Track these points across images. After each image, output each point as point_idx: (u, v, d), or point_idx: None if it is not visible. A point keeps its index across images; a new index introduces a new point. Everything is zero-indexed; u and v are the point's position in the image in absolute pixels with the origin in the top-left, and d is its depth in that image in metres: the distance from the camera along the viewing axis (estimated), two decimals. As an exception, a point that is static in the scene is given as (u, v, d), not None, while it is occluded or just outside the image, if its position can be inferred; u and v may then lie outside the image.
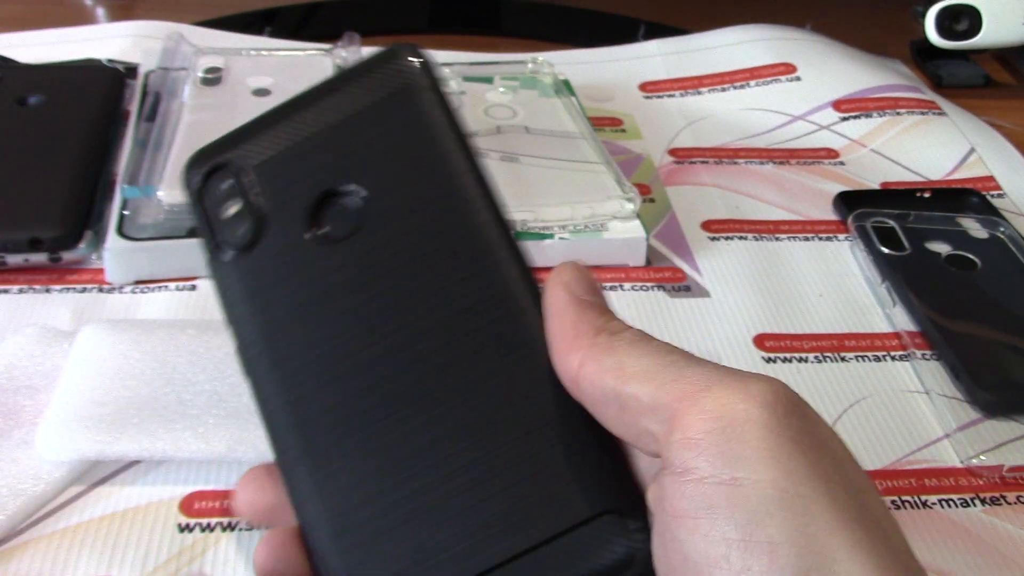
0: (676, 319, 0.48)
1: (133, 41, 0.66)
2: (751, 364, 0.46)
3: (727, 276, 0.51)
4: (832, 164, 0.62)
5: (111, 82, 0.60)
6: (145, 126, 0.53)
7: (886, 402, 0.45)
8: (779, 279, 0.51)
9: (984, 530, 0.39)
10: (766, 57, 0.71)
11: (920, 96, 0.67)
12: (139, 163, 0.50)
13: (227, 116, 0.55)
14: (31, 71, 0.62)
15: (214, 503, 0.38)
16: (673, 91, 0.69)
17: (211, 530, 0.37)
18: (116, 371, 0.40)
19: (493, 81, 0.62)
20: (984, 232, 0.54)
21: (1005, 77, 0.76)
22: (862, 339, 0.48)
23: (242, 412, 0.39)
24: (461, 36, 0.76)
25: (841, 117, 0.66)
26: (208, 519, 0.37)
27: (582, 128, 0.58)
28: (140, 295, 0.48)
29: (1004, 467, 0.41)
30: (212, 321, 0.46)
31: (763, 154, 0.62)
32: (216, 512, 0.38)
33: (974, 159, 0.62)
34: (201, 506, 0.38)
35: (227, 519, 0.37)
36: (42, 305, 0.47)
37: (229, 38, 0.68)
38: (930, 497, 0.40)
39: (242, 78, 0.59)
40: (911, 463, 0.42)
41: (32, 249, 0.48)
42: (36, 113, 0.56)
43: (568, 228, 0.51)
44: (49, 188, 0.50)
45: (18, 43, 0.66)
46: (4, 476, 0.37)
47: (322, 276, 0.26)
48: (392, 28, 0.76)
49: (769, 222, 0.56)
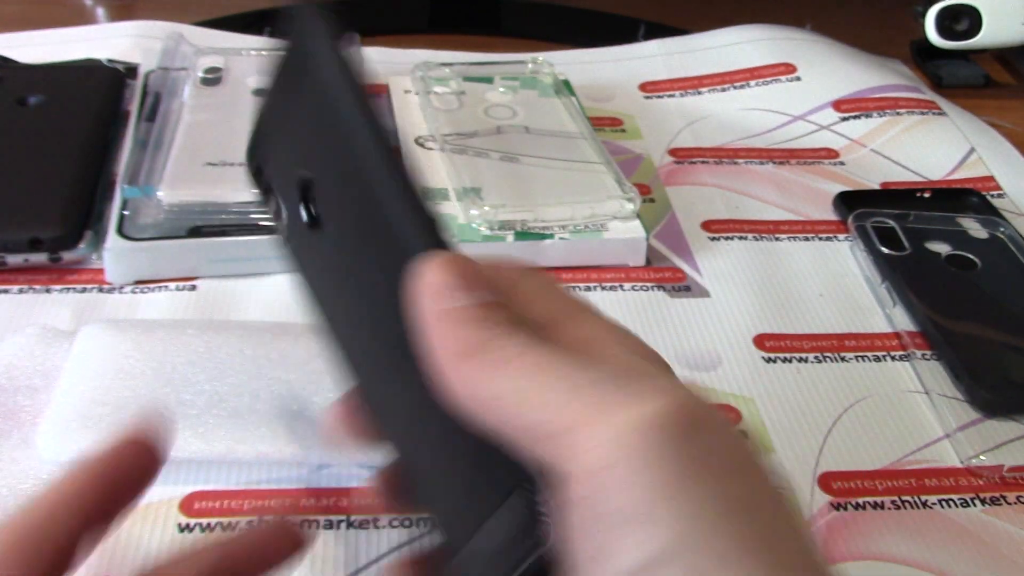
0: (676, 319, 0.48)
1: (133, 41, 0.66)
2: (751, 364, 0.46)
3: (727, 276, 0.51)
4: (832, 164, 0.62)
5: (111, 82, 0.60)
6: (145, 126, 0.53)
7: (886, 402, 0.45)
8: (779, 279, 0.51)
9: (984, 530, 0.39)
10: (766, 57, 0.71)
11: (920, 96, 0.67)
12: (139, 163, 0.50)
13: (227, 116, 0.55)
14: (31, 71, 0.62)
15: (214, 503, 0.38)
16: (673, 91, 0.69)
17: (211, 530, 0.37)
18: (116, 371, 0.40)
19: (493, 81, 0.62)
20: (984, 232, 0.54)
21: (1005, 77, 0.76)
22: (862, 339, 0.48)
23: (242, 412, 0.39)
24: (461, 36, 0.76)
25: (841, 117, 0.66)
26: (208, 519, 0.37)
27: (582, 128, 0.58)
28: (140, 295, 0.48)
29: (1004, 467, 0.41)
30: (212, 321, 0.46)
31: (763, 154, 0.62)
32: (216, 512, 0.38)
33: (974, 159, 0.62)
34: (201, 506, 0.38)
35: (227, 519, 0.37)
36: (42, 305, 0.47)
37: (229, 38, 0.68)
38: (930, 497, 0.40)
39: (242, 78, 0.59)
40: (911, 463, 0.42)
41: (32, 249, 0.48)
42: (36, 113, 0.56)
43: (568, 228, 0.51)
44: (49, 188, 0.50)
45: (18, 43, 0.66)
46: (4, 476, 0.37)
47: (319, 259, 0.28)
48: (392, 28, 0.76)
49: (769, 222, 0.56)
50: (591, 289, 0.50)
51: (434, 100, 0.60)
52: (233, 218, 0.49)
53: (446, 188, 0.53)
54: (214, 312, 0.47)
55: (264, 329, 0.44)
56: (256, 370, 0.41)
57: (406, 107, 0.61)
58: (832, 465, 0.41)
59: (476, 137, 0.57)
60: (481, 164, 0.54)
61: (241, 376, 0.41)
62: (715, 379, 0.45)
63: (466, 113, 0.59)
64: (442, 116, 0.58)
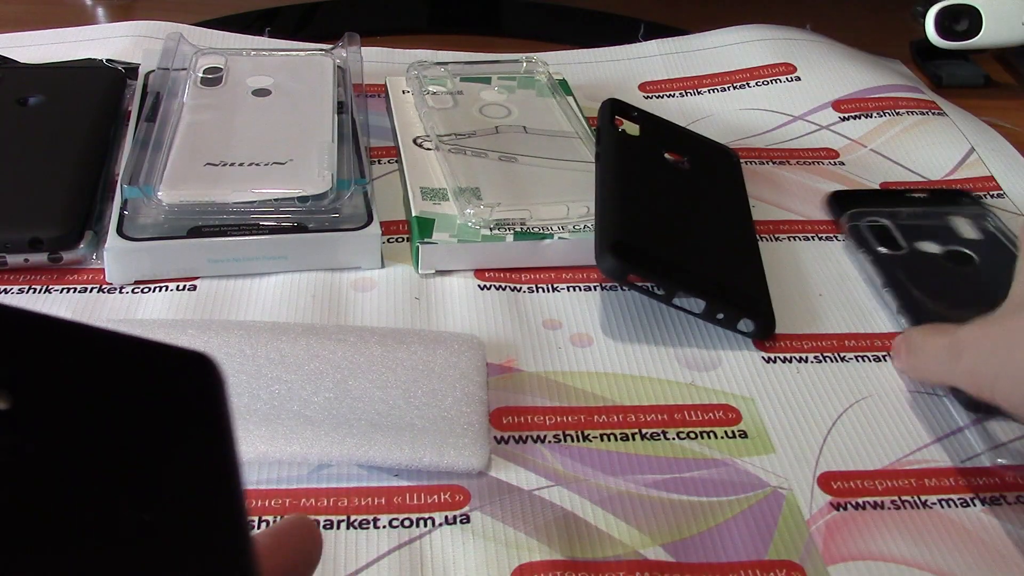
0: (676, 319, 0.48)
1: (133, 41, 0.66)
2: (751, 364, 0.46)
3: (727, 276, 0.51)
4: (832, 164, 0.62)
5: (111, 82, 0.60)
6: (145, 126, 0.53)
7: (886, 402, 0.45)
8: (779, 279, 0.51)
9: (984, 530, 0.39)
10: (766, 57, 0.71)
11: (920, 96, 0.67)
12: (139, 163, 0.50)
13: (227, 116, 0.55)
14: (31, 71, 0.62)
15: (214, 503, 0.38)
16: (673, 91, 0.69)
17: (211, 530, 0.37)
18: (116, 371, 0.40)
19: (491, 81, 0.62)
20: (977, 229, 0.54)
21: (1005, 77, 0.76)
22: (862, 339, 0.48)
23: (242, 412, 0.39)
24: (461, 36, 0.76)
25: (841, 117, 0.66)
26: (208, 519, 0.37)
27: (578, 128, 0.58)
28: (140, 295, 0.48)
29: (1004, 467, 0.41)
30: (212, 321, 0.46)
31: (763, 154, 0.62)
32: (216, 512, 0.38)
33: (974, 159, 0.62)
34: (201, 506, 0.38)
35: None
36: (42, 305, 0.47)
37: (229, 38, 0.68)
38: (930, 497, 0.40)
39: (242, 78, 0.59)
40: (911, 463, 0.42)
41: (32, 249, 0.48)
42: (36, 113, 0.56)
43: (567, 228, 0.51)
44: (49, 188, 0.50)
45: (18, 43, 0.66)
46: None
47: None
48: (392, 28, 0.76)
49: (769, 222, 0.56)
50: (591, 289, 0.50)
51: (429, 100, 0.60)
52: (233, 218, 0.49)
53: (444, 188, 0.53)
54: (214, 312, 0.47)
55: (264, 329, 0.44)
56: (256, 370, 0.41)
57: (404, 107, 0.61)
58: (832, 465, 0.41)
59: (474, 137, 0.57)
60: (479, 164, 0.54)
61: (241, 376, 0.41)
62: (715, 379, 0.45)
63: (462, 113, 0.59)
64: (437, 115, 0.58)
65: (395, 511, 0.38)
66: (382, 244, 0.50)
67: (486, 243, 0.50)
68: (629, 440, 0.42)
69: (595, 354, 0.46)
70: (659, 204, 0.51)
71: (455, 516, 0.38)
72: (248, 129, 0.54)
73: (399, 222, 0.53)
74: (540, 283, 0.50)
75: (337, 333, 0.44)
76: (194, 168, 0.51)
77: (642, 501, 0.39)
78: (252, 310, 0.47)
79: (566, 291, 0.49)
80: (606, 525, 0.38)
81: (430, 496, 0.38)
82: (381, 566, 0.36)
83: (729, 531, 0.38)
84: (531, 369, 0.45)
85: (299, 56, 0.63)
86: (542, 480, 0.39)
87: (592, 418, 0.43)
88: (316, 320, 0.47)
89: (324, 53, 0.63)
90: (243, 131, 0.54)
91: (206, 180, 0.50)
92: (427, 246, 0.49)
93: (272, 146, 0.53)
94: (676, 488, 0.40)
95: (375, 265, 0.50)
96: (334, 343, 0.43)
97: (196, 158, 0.52)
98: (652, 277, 0.46)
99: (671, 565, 0.36)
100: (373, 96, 0.64)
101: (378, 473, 0.39)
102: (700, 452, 0.41)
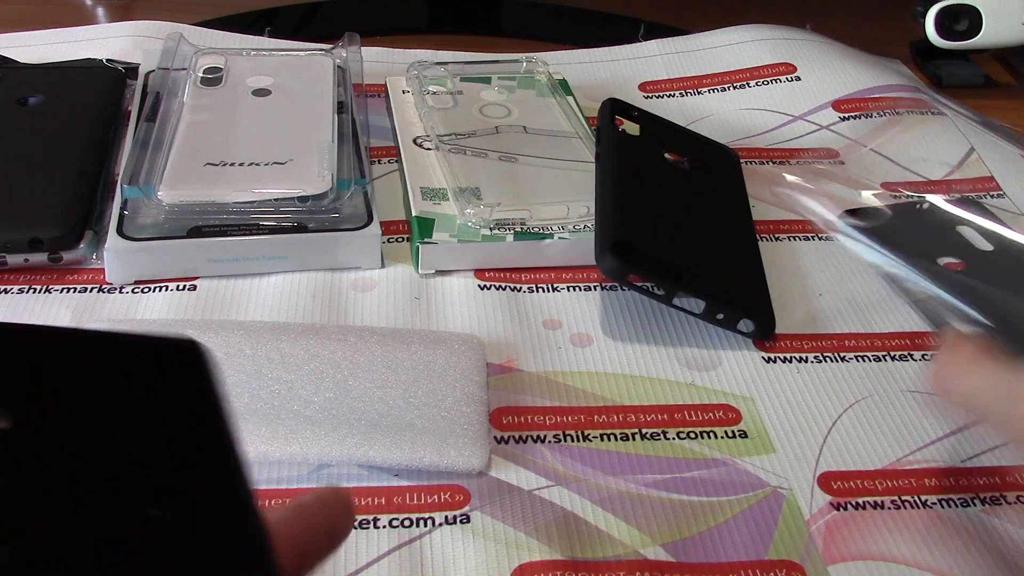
0: (676, 319, 0.48)
1: (133, 41, 0.66)
2: (751, 364, 0.46)
3: (727, 276, 0.51)
4: (832, 164, 0.62)
5: (111, 82, 0.60)
6: (145, 126, 0.53)
7: (886, 402, 0.45)
8: (779, 279, 0.51)
9: (984, 530, 0.39)
10: (766, 57, 0.71)
11: (920, 96, 0.67)
12: (139, 163, 0.50)
13: (227, 116, 0.55)
14: (31, 71, 0.62)
15: (214, 503, 0.38)
16: (673, 91, 0.69)
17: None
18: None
19: (491, 81, 0.62)
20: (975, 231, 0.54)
21: (1005, 77, 0.76)
22: (862, 339, 0.48)
23: (242, 412, 0.39)
24: (461, 36, 0.76)
25: (841, 117, 0.66)
26: (208, 519, 0.37)
27: (578, 128, 0.58)
28: (140, 295, 0.48)
29: (1003, 467, 0.41)
30: (212, 321, 0.46)
31: (763, 154, 0.62)
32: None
33: (974, 159, 0.62)
34: (201, 506, 0.38)
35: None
36: (42, 305, 0.47)
37: (229, 38, 0.68)
38: (930, 497, 0.40)
39: (242, 78, 0.59)
40: (911, 463, 0.42)
41: (32, 249, 0.48)
42: (36, 113, 0.56)
43: (567, 228, 0.51)
44: (49, 188, 0.50)
45: (18, 43, 0.66)
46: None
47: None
48: (392, 28, 0.76)
49: (769, 222, 0.56)
50: (591, 289, 0.50)
51: (429, 100, 0.60)
52: (233, 218, 0.49)
53: (444, 188, 0.53)
54: (214, 312, 0.47)
55: (264, 329, 0.44)
56: (256, 370, 0.41)
57: (404, 107, 0.61)
58: (832, 465, 0.41)
59: (474, 137, 0.57)
60: (479, 164, 0.54)
61: (241, 376, 0.41)
62: (715, 379, 0.45)
63: (462, 113, 0.59)
64: (437, 115, 0.58)
65: (395, 511, 0.38)
66: (382, 244, 0.50)
67: (486, 243, 0.50)
68: (629, 440, 0.42)
69: (595, 354, 0.46)
70: (659, 204, 0.51)
71: (455, 516, 0.38)
72: (248, 129, 0.54)
73: (399, 222, 0.53)
74: (540, 283, 0.50)
75: (337, 333, 0.44)
76: (194, 168, 0.51)
77: (642, 501, 0.39)
78: (252, 310, 0.47)
79: (566, 291, 0.49)
80: (606, 525, 0.38)
81: (430, 496, 0.38)
82: (381, 566, 0.36)
83: (729, 531, 0.38)
84: (531, 369, 0.45)
85: (299, 56, 0.63)
86: (542, 480, 0.39)
87: (592, 418, 0.43)
88: (316, 320, 0.47)
89: (324, 53, 0.63)
90: (243, 131, 0.54)
91: (206, 180, 0.50)
92: (427, 246, 0.49)
93: (272, 146, 0.53)
94: (676, 488, 0.40)
95: (375, 265, 0.50)
96: (334, 343, 0.43)
97: (196, 158, 0.52)
98: (652, 277, 0.46)
99: (671, 565, 0.36)
100: (373, 96, 0.64)
101: (378, 473, 0.39)
102: (700, 452, 0.41)
